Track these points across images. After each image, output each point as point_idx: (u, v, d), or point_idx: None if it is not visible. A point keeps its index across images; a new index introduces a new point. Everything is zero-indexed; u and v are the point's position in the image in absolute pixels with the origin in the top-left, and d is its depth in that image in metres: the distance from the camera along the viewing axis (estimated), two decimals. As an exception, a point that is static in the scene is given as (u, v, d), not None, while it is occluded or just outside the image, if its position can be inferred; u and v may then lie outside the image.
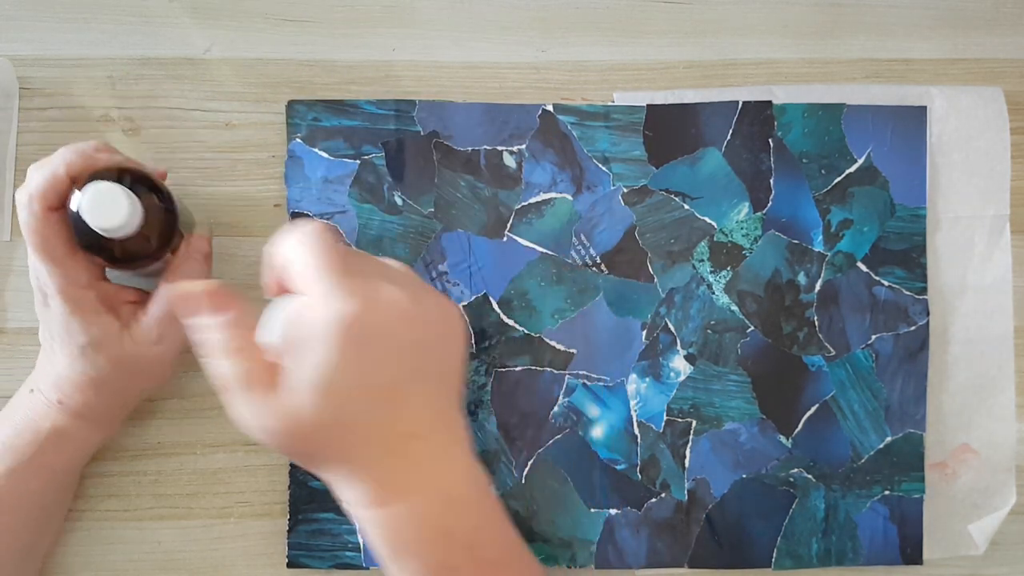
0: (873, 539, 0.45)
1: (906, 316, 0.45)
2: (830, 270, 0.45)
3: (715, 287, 0.45)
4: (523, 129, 0.45)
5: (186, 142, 0.45)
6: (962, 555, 0.45)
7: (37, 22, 0.45)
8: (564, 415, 0.45)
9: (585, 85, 0.46)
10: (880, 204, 0.45)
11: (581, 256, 0.45)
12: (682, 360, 0.45)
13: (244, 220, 0.45)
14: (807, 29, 0.47)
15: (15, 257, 0.45)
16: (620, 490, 0.44)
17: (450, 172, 0.45)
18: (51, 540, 0.43)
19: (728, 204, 0.45)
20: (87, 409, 0.39)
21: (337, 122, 0.45)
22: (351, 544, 0.44)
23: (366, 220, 0.44)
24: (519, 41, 0.46)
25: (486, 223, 0.45)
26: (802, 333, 0.45)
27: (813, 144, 0.45)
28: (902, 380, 0.45)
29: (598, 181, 0.45)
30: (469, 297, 0.45)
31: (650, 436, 0.45)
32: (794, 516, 0.45)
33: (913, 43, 0.47)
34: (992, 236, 0.46)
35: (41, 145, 0.45)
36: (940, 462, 0.45)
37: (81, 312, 0.37)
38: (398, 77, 0.46)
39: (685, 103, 0.45)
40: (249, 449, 0.44)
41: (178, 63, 0.45)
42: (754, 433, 0.45)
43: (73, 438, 0.39)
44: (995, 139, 0.46)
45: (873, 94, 0.46)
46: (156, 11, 0.45)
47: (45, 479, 0.40)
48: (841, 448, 0.45)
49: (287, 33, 0.46)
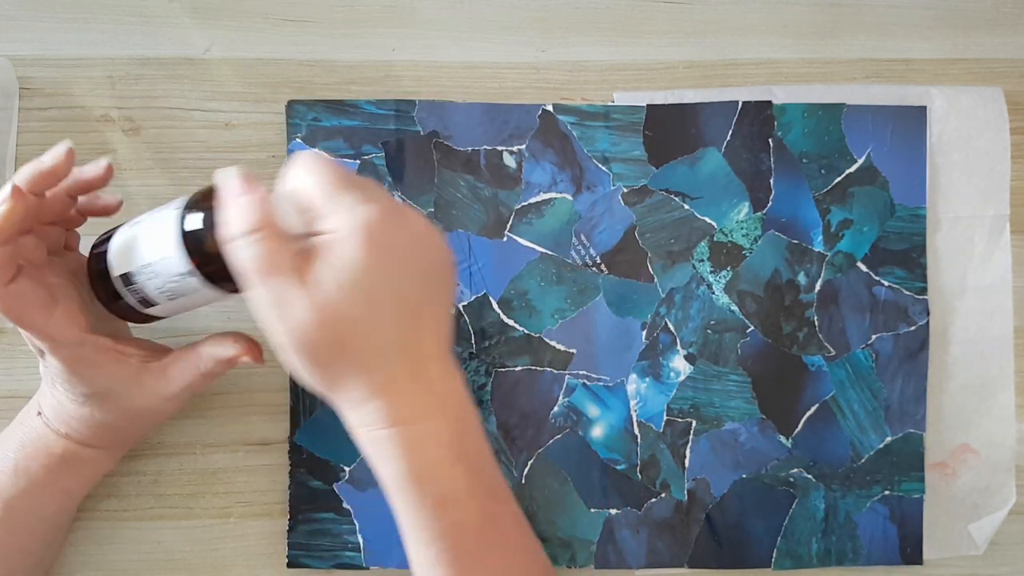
0: (873, 539, 0.45)
1: (906, 316, 0.45)
2: (830, 270, 0.45)
3: (715, 287, 0.45)
4: (523, 129, 0.45)
5: (186, 142, 0.45)
6: (962, 555, 0.45)
7: (37, 22, 0.45)
8: (564, 415, 0.45)
9: (585, 85, 0.46)
10: (880, 204, 0.45)
11: (581, 256, 0.45)
12: (682, 360, 0.45)
13: (244, 220, 0.45)
14: (807, 29, 0.47)
15: (15, 257, 0.45)
16: (620, 490, 0.44)
17: (450, 172, 0.45)
18: (59, 551, 0.43)
19: (728, 204, 0.45)
20: (96, 440, 0.39)
21: (337, 122, 0.45)
22: (351, 544, 0.44)
23: (366, 220, 0.44)
24: (519, 41, 0.46)
25: (486, 223, 0.45)
26: (802, 333, 0.45)
27: (813, 144, 0.45)
28: (902, 380, 0.45)
29: (598, 181, 0.45)
30: (469, 297, 0.45)
31: (650, 436, 0.45)
32: (794, 516, 0.45)
33: (913, 43, 0.47)
34: (992, 236, 0.46)
35: (41, 145, 0.45)
36: (940, 462, 0.45)
37: (81, 367, 0.36)
38: (398, 77, 0.46)
39: (685, 103, 0.45)
40: (249, 449, 0.44)
41: (178, 63, 0.45)
42: (754, 433, 0.45)
43: (86, 462, 0.39)
44: (995, 139, 0.46)
45: (873, 94, 0.46)
46: (156, 11, 0.45)
47: (60, 501, 0.40)
48: (841, 448, 0.45)
49: (287, 33, 0.46)
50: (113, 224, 0.37)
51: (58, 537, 0.41)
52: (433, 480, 0.32)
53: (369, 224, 0.31)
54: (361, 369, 0.32)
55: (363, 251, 0.30)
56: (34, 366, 0.44)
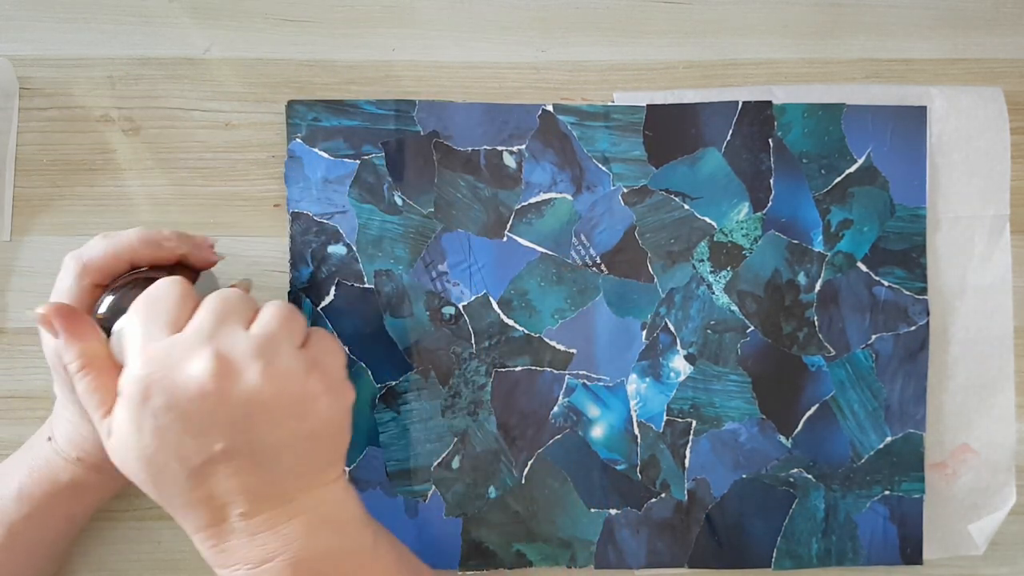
0: (873, 539, 0.45)
1: (906, 316, 0.45)
2: (830, 270, 0.45)
3: (715, 287, 0.45)
4: (523, 129, 0.45)
5: (186, 142, 0.45)
6: (962, 555, 0.45)
7: (37, 22, 0.45)
8: (564, 415, 0.45)
9: (585, 85, 0.46)
10: (880, 204, 0.45)
11: (581, 256, 0.45)
12: (682, 360, 0.45)
13: (244, 220, 0.45)
14: (807, 29, 0.47)
15: (15, 257, 0.45)
16: (620, 490, 0.44)
17: (450, 172, 0.45)
18: (61, 565, 0.43)
19: (728, 204, 0.45)
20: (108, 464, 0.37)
21: (337, 122, 0.45)
22: (351, 544, 0.44)
23: (366, 220, 0.45)
24: (519, 41, 0.46)
25: (486, 223, 0.45)
26: (802, 333, 0.45)
27: (813, 144, 0.45)
28: (902, 380, 0.45)
29: (598, 181, 0.45)
30: (469, 297, 0.45)
31: (650, 436, 0.45)
32: (794, 516, 0.45)
33: (913, 43, 0.47)
34: (992, 236, 0.46)
35: (41, 145, 0.45)
36: (940, 462, 0.45)
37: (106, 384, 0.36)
38: (398, 77, 0.46)
39: (685, 103, 0.45)
40: (249, 449, 0.44)
41: (178, 63, 0.45)
42: (754, 433, 0.45)
43: (92, 488, 0.39)
44: (995, 139, 0.46)
45: (873, 94, 0.46)
46: (156, 11, 0.45)
47: (63, 525, 0.40)
48: (841, 448, 0.45)
49: (287, 33, 0.46)
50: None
51: (58, 559, 0.42)
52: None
53: (132, 390, 0.31)
54: (170, 509, 0.33)
55: (129, 411, 0.31)
56: (34, 366, 0.44)
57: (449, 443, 0.44)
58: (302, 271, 0.44)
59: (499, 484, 0.44)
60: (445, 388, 0.44)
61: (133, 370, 0.31)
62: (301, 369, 0.33)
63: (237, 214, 0.45)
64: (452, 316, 0.45)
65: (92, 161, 0.45)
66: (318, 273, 0.44)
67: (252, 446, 0.32)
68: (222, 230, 0.45)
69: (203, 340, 0.31)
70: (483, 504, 0.44)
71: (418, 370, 0.44)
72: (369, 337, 0.44)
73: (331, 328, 0.44)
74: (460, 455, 0.44)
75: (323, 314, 0.44)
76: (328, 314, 0.44)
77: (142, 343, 0.32)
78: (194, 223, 0.45)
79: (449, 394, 0.44)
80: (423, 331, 0.44)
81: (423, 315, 0.44)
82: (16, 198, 0.45)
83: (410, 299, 0.44)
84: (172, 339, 0.32)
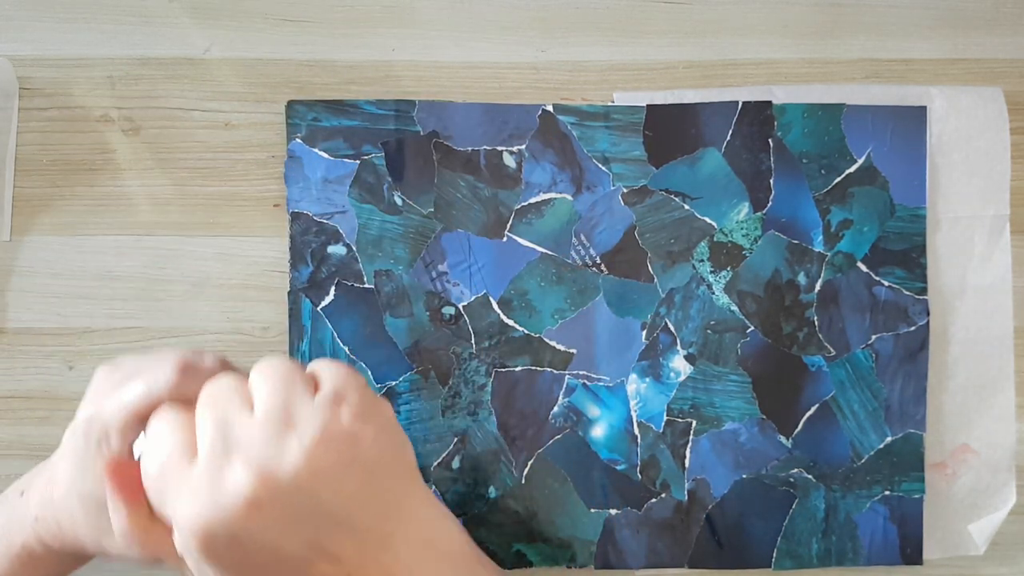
0: (873, 539, 0.45)
1: (906, 316, 0.45)
2: (830, 270, 0.45)
3: (715, 287, 0.45)
4: (523, 129, 0.45)
5: (186, 142, 0.45)
6: (962, 555, 0.45)
7: (37, 22, 0.45)
8: (564, 415, 0.45)
9: (585, 85, 0.46)
10: (880, 204, 0.45)
11: (581, 256, 0.45)
12: (682, 360, 0.45)
13: (244, 220, 0.45)
14: (807, 29, 0.47)
15: (15, 257, 0.45)
16: (620, 490, 0.44)
17: (450, 172, 0.45)
18: None
19: (728, 204, 0.45)
20: (58, 544, 0.34)
21: (337, 122, 0.45)
22: (351, 544, 0.44)
23: (366, 220, 0.45)
24: (519, 41, 0.46)
25: (486, 223, 0.45)
26: (802, 333, 0.45)
27: (813, 144, 0.45)
28: (902, 380, 0.45)
29: (598, 181, 0.45)
30: (469, 297, 0.45)
31: (650, 436, 0.45)
32: (794, 516, 0.45)
33: (913, 43, 0.47)
34: (992, 236, 0.46)
35: (41, 145, 0.45)
36: (940, 462, 0.45)
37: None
38: (398, 77, 0.46)
39: (685, 103, 0.45)
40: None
41: (178, 63, 0.45)
42: (754, 433, 0.45)
43: (44, 562, 0.35)
44: (995, 139, 0.46)
45: (873, 94, 0.46)
46: (156, 11, 0.45)
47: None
48: (841, 448, 0.45)
49: (287, 33, 0.46)
50: None
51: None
52: None
53: (193, 533, 0.28)
54: None
55: (201, 561, 0.28)
56: (34, 366, 0.44)
57: (449, 443, 0.44)
58: (302, 271, 0.44)
59: (499, 484, 0.44)
60: (445, 388, 0.44)
61: (181, 523, 0.28)
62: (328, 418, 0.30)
63: (237, 214, 0.45)
64: (452, 316, 0.45)
65: (92, 161, 0.45)
66: (318, 273, 0.44)
67: (330, 520, 0.29)
68: (222, 230, 0.45)
69: (222, 455, 0.28)
70: (483, 504, 0.44)
71: (418, 370, 0.44)
72: (369, 337, 0.44)
73: (331, 328, 0.44)
74: (460, 455, 0.44)
75: (323, 314, 0.44)
76: (328, 314, 0.44)
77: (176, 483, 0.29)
78: (194, 223, 0.45)
79: (449, 394, 0.44)
80: (423, 331, 0.44)
81: (423, 315, 0.44)
82: (16, 198, 0.45)
83: (410, 299, 0.44)
84: (193, 469, 0.29)
